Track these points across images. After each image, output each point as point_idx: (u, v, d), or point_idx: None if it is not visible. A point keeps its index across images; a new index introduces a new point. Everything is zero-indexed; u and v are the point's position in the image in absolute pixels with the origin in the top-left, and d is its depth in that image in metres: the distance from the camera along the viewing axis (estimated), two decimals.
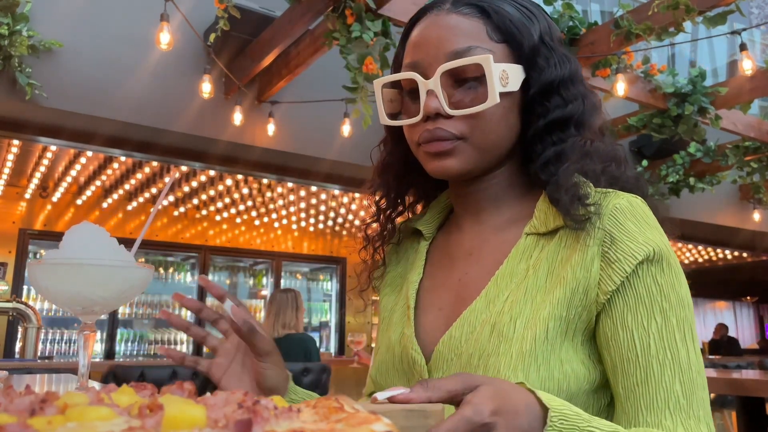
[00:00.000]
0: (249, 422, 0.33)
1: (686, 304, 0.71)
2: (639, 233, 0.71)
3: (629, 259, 0.69)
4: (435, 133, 0.76)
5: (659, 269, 0.71)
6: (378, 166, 0.94)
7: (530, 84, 0.78)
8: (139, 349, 6.82)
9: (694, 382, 0.68)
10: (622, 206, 0.73)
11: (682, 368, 0.68)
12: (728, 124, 4.91)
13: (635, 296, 0.69)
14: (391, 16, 3.32)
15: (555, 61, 0.79)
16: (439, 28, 0.78)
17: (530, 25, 0.79)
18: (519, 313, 0.71)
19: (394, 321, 0.85)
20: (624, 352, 0.69)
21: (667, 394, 0.66)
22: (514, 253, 0.77)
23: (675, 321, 0.69)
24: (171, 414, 0.33)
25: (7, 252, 6.06)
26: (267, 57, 3.95)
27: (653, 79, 4.61)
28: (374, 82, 0.83)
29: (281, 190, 6.15)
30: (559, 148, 0.77)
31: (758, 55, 7.75)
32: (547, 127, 0.78)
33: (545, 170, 0.77)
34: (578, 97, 0.80)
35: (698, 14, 3.31)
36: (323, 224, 7.55)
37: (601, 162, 0.80)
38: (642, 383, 0.67)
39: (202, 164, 4.89)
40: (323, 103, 4.46)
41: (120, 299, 0.76)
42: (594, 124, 0.82)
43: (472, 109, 0.74)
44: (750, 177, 5.88)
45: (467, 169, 0.78)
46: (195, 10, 3.97)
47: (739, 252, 8.87)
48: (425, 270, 0.88)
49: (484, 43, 0.76)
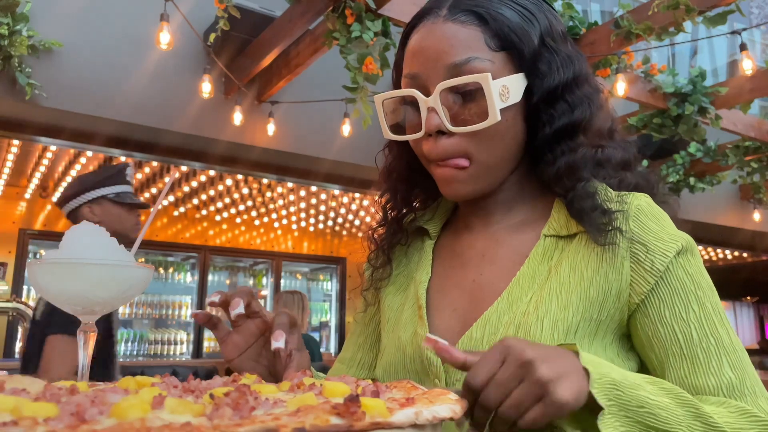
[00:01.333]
0: (377, 392, 0.52)
1: (713, 288, 0.72)
2: (662, 231, 0.72)
3: (660, 258, 0.70)
4: (442, 152, 0.75)
5: (686, 260, 0.72)
6: (384, 170, 0.93)
7: (533, 91, 0.76)
8: (139, 349, 6.81)
9: (742, 362, 0.68)
10: (642, 207, 0.74)
11: (728, 350, 0.68)
12: (728, 124, 4.90)
13: (670, 290, 0.70)
14: (391, 16, 3.31)
15: (558, 64, 0.77)
16: (436, 38, 0.76)
17: (530, 28, 0.77)
18: (545, 313, 0.71)
19: (403, 321, 0.84)
20: (668, 346, 0.69)
21: (718, 380, 0.67)
22: (534, 254, 0.77)
23: (710, 306, 0.70)
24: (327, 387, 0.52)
25: (7, 252, 6.06)
26: (267, 57, 3.95)
27: (653, 79, 4.61)
28: (375, 98, 0.82)
29: (281, 190, 6.15)
30: (570, 160, 0.76)
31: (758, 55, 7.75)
32: (554, 136, 0.77)
33: (559, 183, 0.77)
34: (584, 100, 0.78)
35: (698, 14, 3.31)
36: (323, 224, 7.55)
37: (613, 169, 0.80)
38: (690, 374, 0.68)
39: (202, 164, 4.89)
40: (323, 103, 4.46)
41: (120, 299, 0.75)
42: (603, 126, 0.81)
43: (473, 127, 0.73)
44: (750, 177, 5.87)
45: (480, 189, 0.78)
46: (195, 10, 3.97)
47: (739, 252, 8.87)
48: (433, 270, 0.87)
49: (483, 53, 0.74)
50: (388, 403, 0.46)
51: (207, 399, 0.47)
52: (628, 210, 0.73)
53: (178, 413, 0.42)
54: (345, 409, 0.41)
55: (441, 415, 0.46)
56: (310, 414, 0.41)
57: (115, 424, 0.39)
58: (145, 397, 0.45)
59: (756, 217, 6.94)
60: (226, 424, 0.39)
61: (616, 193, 0.76)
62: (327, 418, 0.40)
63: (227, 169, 5.01)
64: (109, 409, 0.42)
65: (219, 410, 0.42)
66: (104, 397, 0.44)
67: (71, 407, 0.41)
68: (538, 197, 0.83)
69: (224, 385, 0.56)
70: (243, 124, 4.35)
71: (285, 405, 0.46)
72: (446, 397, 0.50)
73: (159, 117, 4.17)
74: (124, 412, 0.41)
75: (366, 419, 0.41)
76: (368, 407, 0.42)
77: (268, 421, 0.40)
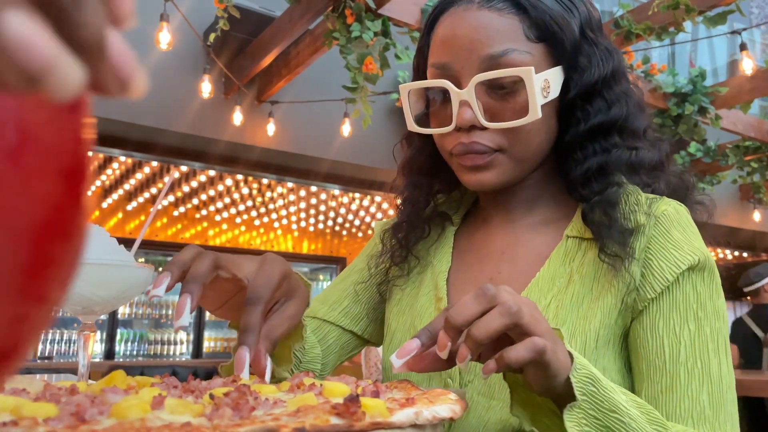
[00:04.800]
0: (377, 392, 0.50)
1: (722, 316, 0.67)
2: (685, 242, 0.68)
3: (672, 268, 0.66)
4: (471, 147, 0.70)
5: (701, 278, 0.67)
6: (404, 164, 0.87)
7: (570, 86, 0.72)
8: (138, 349, 6.81)
9: (724, 396, 0.64)
10: (669, 213, 0.70)
11: (712, 380, 0.63)
12: (728, 123, 4.90)
13: (670, 302, 0.66)
14: (391, 16, 3.31)
15: (597, 58, 0.72)
16: (470, 26, 0.70)
17: (571, 18, 0.71)
18: (564, 320, 0.68)
19: (418, 308, 0.81)
20: (652, 358, 0.65)
21: (692, 404, 0.62)
22: (555, 255, 0.73)
23: (709, 331, 0.65)
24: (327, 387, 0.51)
25: None
26: (267, 57, 3.95)
27: (653, 79, 4.61)
28: (400, 87, 0.76)
29: (281, 190, 6.15)
30: (603, 160, 0.72)
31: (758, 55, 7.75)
32: (588, 133, 0.72)
33: (587, 186, 0.72)
34: (621, 97, 0.74)
35: (698, 14, 3.31)
36: (323, 224, 7.55)
37: (647, 173, 0.75)
38: (666, 390, 0.63)
39: (202, 164, 4.89)
40: (323, 103, 4.46)
41: (120, 299, 0.75)
42: (638, 127, 0.76)
43: (511, 123, 0.69)
44: (750, 177, 5.87)
45: (505, 181, 0.73)
46: (195, 10, 3.97)
47: (739, 252, 8.87)
48: (452, 259, 0.83)
49: (521, 44, 0.69)
50: (388, 403, 0.46)
51: (207, 399, 0.47)
52: (653, 215, 0.69)
53: (177, 413, 0.42)
54: (345, 409, 0.41)
55: (441, 415, 0.46)
56: (310, 414, 0.41)
57: (115, 424, 0.39)
58: (145, 397, 0.45)
59: (756, 217, 6.93)
60: (226, 425, 0.39)
61: (647, 197, 0.72)
62: (327, 418, 0.40)
63: (227, 169, 5.01)
64: (109, 409, 0.42)
65: (219, 410, 0.42)
66: (104, 397, 0.44)
67: (71, 407, 0.41)
68: (561, 198, 0.79)
69: (224, 385, 0.56)
70: (243, 124, 4.35)
71: (285, 405, 0.46)
72: (446, 397, 0.50)
73: (158, 117, 4.17)
74: (124, 412, 0.41)
75: (366, 419, 0.41)
76: (368, 407, 0.42)
77: (268, 421, 0.40)
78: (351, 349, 0.92)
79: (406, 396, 0.51)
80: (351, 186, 5.55)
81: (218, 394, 0.47)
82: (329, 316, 0.89)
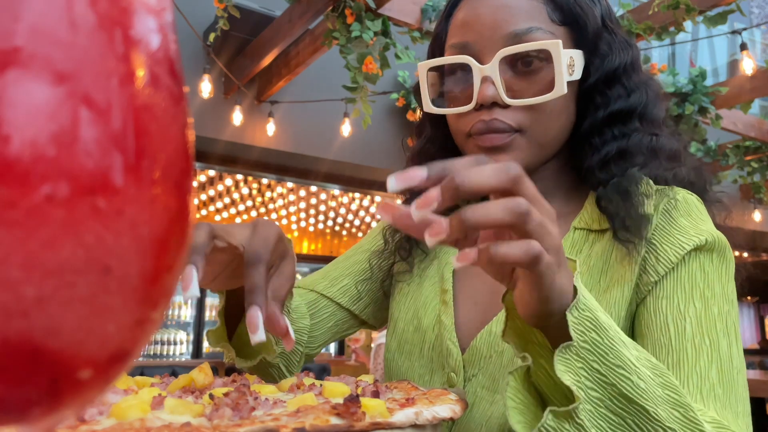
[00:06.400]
0: (377, 392, 0.51)
1: (731, 300, 0.64)
2: (691, 227, 0.66)
3: (677, 249, 0.65)
4: (491, 124, 0.68)
5: (709, 258, 0.65)
6: (415, 154, 0.84)
7: (590, 71, 0.72)
8: None
9: (734, 378, 0.60)
10: (678, 200, 0.69)
11: (722, 358, 0.59)
12: (729, 123, 4.91)
13: (675, 281, 0.64)
14: (391, 15, 3.31)
15: (617, 46, 0.73)
16: (493, 7, 0.70)
17: (593, 5, 0.72)
18: None
19: (423, 298, 0.80)
20: (657, 336, 0.62)
21: (701, 380, 0.58)
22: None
23: (716, 311, 0.62)
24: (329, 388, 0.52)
25: None
26: (267, 57, 3.95)
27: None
28: (419, 65, 0.75)
29: (281, 190, 6.15)
30: (623, 144, 0.71)
31: (759, 55, 7.75)
32: (607, 119, 0.72)
33: (605, 169, 0.70)
34: (640, 86, 0.74)
35: (698, 14, 3.31)
36: (323, 224, 7.55)
37: (666, 160, 0.74)
38: (673, 367, 0.59)
39: (202, 164, 4.89)
40: (323, 103, 4.46)
41: None
42: (658, 115, 0.75)
43: (535, 99, 0.67)
44: (750, 177, 5.87)
45: (523, 164, 0.69)
46: (194, 9, 3.97)
47: (739, 252, 8.87)
48: None
49: (545, 24, 0.69)
50: (388, 404, 0.46)
51: (207, 399, 0.47)
52: (662, 203, 0.68)
53: (177, 413, 0.42)
54: (345, 410, 0.41)
55: (441, 415, 0.46)
56: (310, 414, 0.41)
57: (114, 424, 0.39)
58: (145, 397, 0.45)
59: (756, 217, 6.93)
60: (226, 425, 0.39)
61: (657, 187, 0.71)
62: (327, 418, 0.40)
63: (227, 169, 5.01)
64: (108, 409, 0.41)
65: (219, 410, 0.42)
66: (104, 397, 0.44)
67: None
68: (573, 191, 0.78)
69: (224, 385, 0.56)
70: (243, 124, 4.35)
71: (285, 405, 0.46)
72: (446, 398, 0.50)
73: None
74: (124, 412, 0.41)
75: (366, 419, 0.41)
76: (368, 407, 0.42)
77: (267, 421, 0.40)
78: (346, 328, 0.91)
79: (406, 396, 0.51)
80: (351, 186, 5.55)
81: (218, 394, 0.47)
82: (328, 291, 0.89)
